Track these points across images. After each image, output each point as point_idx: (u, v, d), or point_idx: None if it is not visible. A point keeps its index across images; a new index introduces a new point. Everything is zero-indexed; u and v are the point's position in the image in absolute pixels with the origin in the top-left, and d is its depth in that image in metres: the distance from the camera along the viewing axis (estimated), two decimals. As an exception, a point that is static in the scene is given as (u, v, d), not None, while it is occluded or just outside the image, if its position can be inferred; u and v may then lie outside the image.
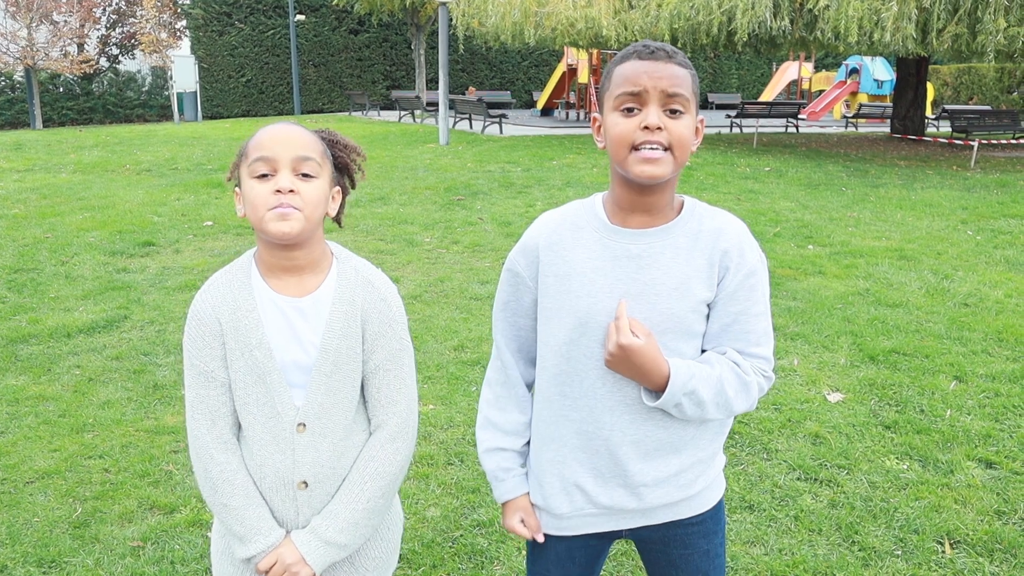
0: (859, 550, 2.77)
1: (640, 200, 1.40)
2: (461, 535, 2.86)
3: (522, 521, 1.56)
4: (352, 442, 1.52)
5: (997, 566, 2.68)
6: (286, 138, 1.40)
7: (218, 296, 1.47)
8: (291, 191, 1.38)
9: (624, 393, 1.43)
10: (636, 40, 16.46)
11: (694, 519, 1.53)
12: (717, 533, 1.57)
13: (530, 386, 1.59)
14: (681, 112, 1.33)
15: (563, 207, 1.54)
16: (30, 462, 3.37)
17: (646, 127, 1.31)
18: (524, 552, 2.75)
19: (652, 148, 1.31)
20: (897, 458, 3.43)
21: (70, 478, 3.25)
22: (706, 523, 1.55)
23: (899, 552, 2.76)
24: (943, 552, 2.76)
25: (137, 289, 5.91)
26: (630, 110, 1.33)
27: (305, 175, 1.40)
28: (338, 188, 1.52)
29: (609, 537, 1.57)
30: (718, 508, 1.57)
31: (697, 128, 1.39)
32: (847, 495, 3.12)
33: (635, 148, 1.32)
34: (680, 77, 1.33)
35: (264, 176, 1.39)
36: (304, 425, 1.47)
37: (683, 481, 1.49)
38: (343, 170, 1.55)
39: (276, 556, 1.47)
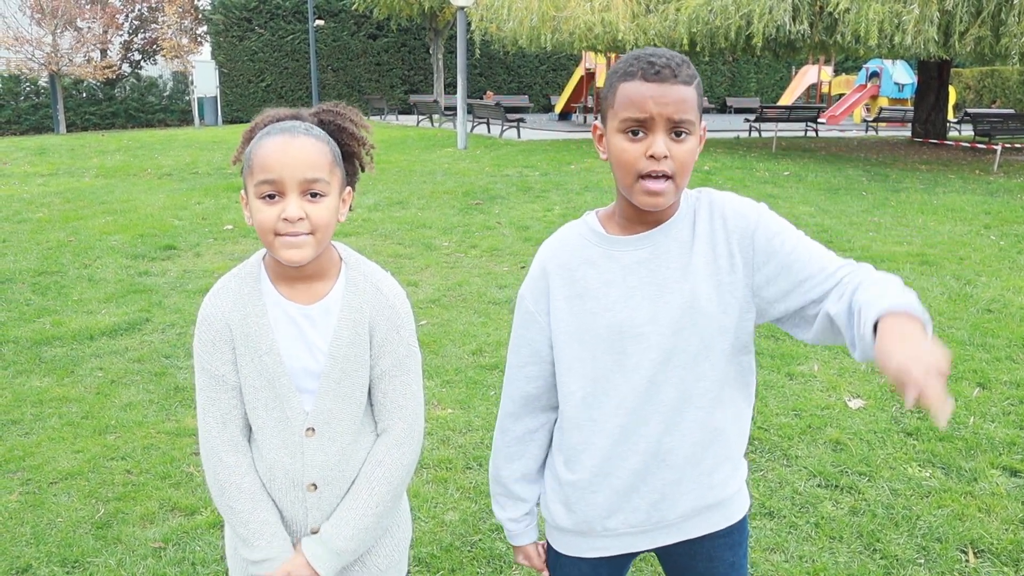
0: (881, 558, 2.74)
1: (646, 215, 1.41)
2: (480, 539, 2.86)
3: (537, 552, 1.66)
4: (360, 445, 1.53)
5: (1022, 576, 2.65)
6: (293, 158, 1.34)
7: (228, 301, 1.46)
8: (300, 219, 1.34)
9: (655, 403, 1.42)
10: (654, 45, 16.47)
11: (721, 531, 1.52)
12: (741, 544, 1.56)
13: (541, 427, 1.58)
14: (687, 134, 1.32)
15: (559, 232, 1.53)
16: (54, 463, 3.41)
17: (652, 156, 1.30)
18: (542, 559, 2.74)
19: (656, 179, 1.32)
20: (919, 465, 3.39)
21: (93, 479, 3.28)
22: (732, 535, 1.53)
23: (922, 561, 2.73)
24: (967, 561, 2.73)
25: (158, 292, 5.97)
26: (635, 133, 1.32)
27: (315, 194, 1.36)
28: (349, 189, 1.48)
29: (632, 554, 1.56)
30: (743, 521, 1.56)
31: (701, 136, 1.38)
32: (868, 502, 3.09)
33: (640, 177, 1.33)
34: (687, 100, 1.31)
35: (271, 197, 1.35)
36: (313, 430, 1.47)
37: (715, 480, 1.48)
38: (350, 158, 1.49)
39: (286, 572, 1.47)
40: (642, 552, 1.54)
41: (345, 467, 1.51)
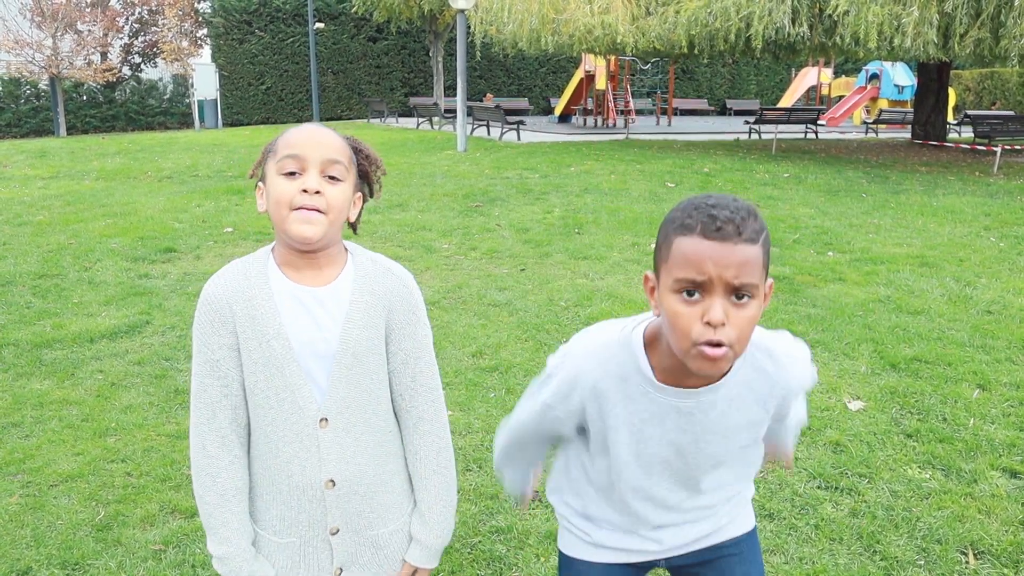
0: (881, 560, 2.74)
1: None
2: (480, 541, 2.86)
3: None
4: (376, 438, 1.51)
5: (1022, 577, 2.65)
6: (317, 139, 1.42)
7: (232, 283, 1.46)
8: (317, 192, 1.38)
9: (674, 493, 1.49)
10: (653, 47, 16.54)
11: (729, 543, 1.54)
12: (755, 563, 1.56)
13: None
14: (749, 298, 1.19)
15: (599, 347, 1.40)
16: (54, 465, 3.42)
17: (708, 323, 1.18)
18: (542, 559, 2.75)
19: (714, 347, 1.19)
20: (919, 467, 3.39)
21: (93, 482, 3.28)
22: (741, 547, 1.56)
23: (922, 562, 2.73)
24: (967, 563, 2.73)
25: (159, 295, 5.97)
26: (691, 294, 1.20)
27: (332, 177, 1.41)
28: (360, 194, 1.53)
29: (644, 566, 1.58)
30: (752, 536, 1.57)
31: (766, 295, 1.25)
32: (868, 504, 3.09)
33: (696, 344, 1.20)
34: (750, 263, 1.17)
35: (292, 174, 1.40)
36: (327, 420, 1.45)
37: (720, 515, 1.56)
38: (363, 178, 1.56)
39: None
40: (648, 563, 1.57)
41: (361, 460, 1.49)
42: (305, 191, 1.38)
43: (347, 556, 1.53)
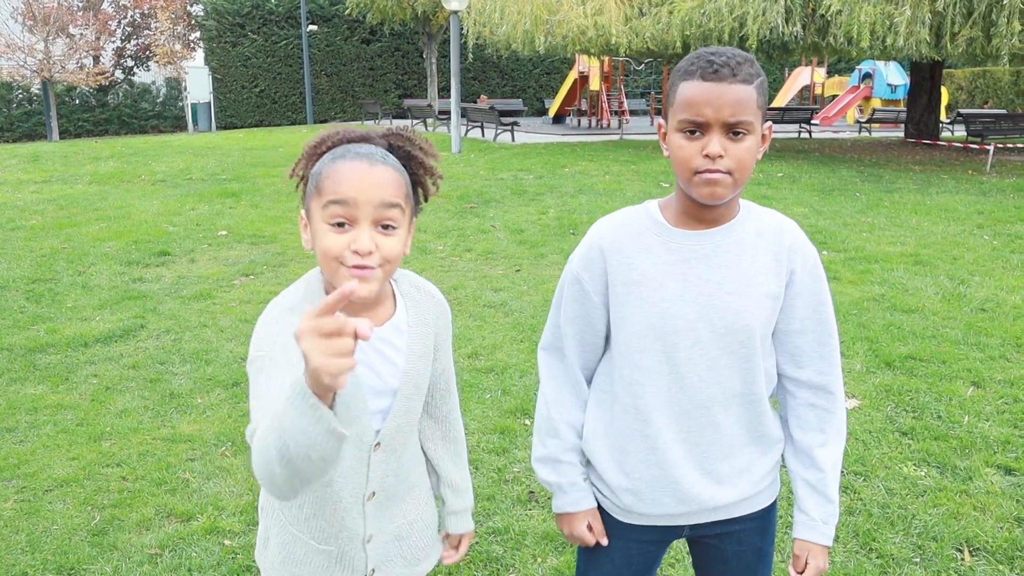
0: (877, 557, 2.75)
1: (706, 212, 1.43)
2: (476, 543, 2.86)
3: (589, 527, 1.56)
4: (411, 452, 1.57)
5: (1017, 574, 2.66)
6: (371, 186, 1.24)
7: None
8: (370, 252, 1.24)
9: (698, 400, 1.45)
10: (647, 48, 16.59)
11: (752, 515, 1.55)
12: (769, 531, 1.59)
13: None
14: (744, 134, 1.33)
15: (616, 214, 1.53)
16: (49, 470, 3.40)
17: (707, 155, 1.32)
18: (539, 559, 2.75)
19: (713, 173, 1.33)
20: (915, 465, 3.40)
21: (88, 486, 3.27)
22: (761, 520, 1.57)
23: (917, 559, 2.74)
24: (962, 559, 2.74)
25: (153, 298, 5.96)
26: (692, 132, 1.34)
27: (386, 225, 1.27)
28: (414, 220, 1.41)
29: (668, 538, 1.58)
30: (773, 506, 1.59)
31: (764, 136, 1.39)
32: (864, 502, 3.10)
33: (697, 172, 1.34)
34: (743, 102, 1.31)
35: (340, 224, 1.24)
36: (380, 444, 1.48)
37: (755, 476, 1.52)
38: (415, 186, 1.40)
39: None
40: (679, 527, 1.55)
41: (399, 472, 1.54)
42: (357, 252, 1.23)
43: (379, 558, 1.57)
